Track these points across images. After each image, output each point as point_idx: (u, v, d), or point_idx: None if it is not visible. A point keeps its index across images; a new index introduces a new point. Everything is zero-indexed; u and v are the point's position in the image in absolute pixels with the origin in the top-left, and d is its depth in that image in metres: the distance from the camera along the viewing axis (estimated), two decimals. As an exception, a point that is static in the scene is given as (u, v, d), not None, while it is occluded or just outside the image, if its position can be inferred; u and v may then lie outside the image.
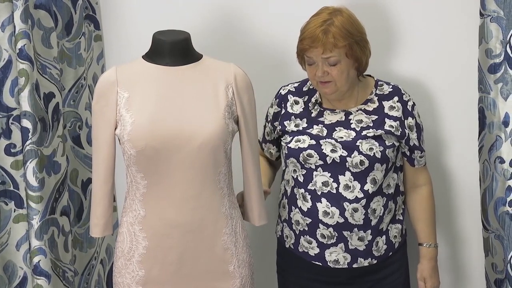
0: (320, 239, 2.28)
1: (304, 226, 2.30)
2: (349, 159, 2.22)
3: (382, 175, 2.26)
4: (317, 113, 2.33)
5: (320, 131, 2.28)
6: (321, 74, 2.21)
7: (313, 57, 2.22)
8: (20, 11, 2.31)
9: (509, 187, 2.30)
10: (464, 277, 2.65)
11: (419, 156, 2.36)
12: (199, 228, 2.12)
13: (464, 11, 2.47)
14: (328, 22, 2.20)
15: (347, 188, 2.24)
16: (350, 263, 2.29)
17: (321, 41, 2.18)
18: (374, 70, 2.43)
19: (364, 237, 2.27)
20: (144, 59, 2.17)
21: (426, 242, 2.39)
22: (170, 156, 2.07)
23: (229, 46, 2.65)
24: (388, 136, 2.27)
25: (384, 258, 2.33)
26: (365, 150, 2.23)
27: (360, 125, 2.28)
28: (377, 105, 2.32)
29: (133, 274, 2.15)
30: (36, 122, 2.37)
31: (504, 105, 2.30)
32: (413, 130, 2.33)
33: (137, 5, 2.69)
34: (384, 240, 2.31)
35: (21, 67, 2.33)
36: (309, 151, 2.26)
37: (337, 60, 2.20)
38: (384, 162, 2.25)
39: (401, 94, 2.34)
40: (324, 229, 2.26)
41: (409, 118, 2.32)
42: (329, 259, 2.29)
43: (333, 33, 2.18)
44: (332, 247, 2.28)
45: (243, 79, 2.19)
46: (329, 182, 2.24)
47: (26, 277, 2.45)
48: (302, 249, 2.33)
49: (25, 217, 2.42)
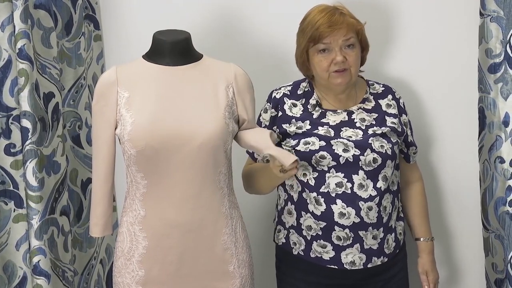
0: (336, 241, 2.24)
1: (317, 230, 2.25)
2: (362, 157, 2.21)
3: (391, 172, 2.26)
4: (319, 114, 2.30)
5: (327, 131, 2.26)
6: (341, 59, 2.20)
7: (332, 42, 2.19)
8: (19, 11, 2.31)
9: (509, 187, 2.30)
10: (464, 277, 2.65)
11: (413, 152, 2.40)
12: (199, 228, 2.12)
13: (464, 11, 2.48)
14: (336, 9, 2.23)
15: (361, 187, 2.22)
16: (365, 263, 2.26)
17: (344, 22, 2.19)
18: (374, 70, 2.43)
19: (377, 235, 2.25)
20: (144, 59, 2.17)
21: (424, 236, 2.42)
22: (170, 156, 2.07)
23: (229, 46, 2.65)
24: (392, 133, 2.28)
25: (393, 255, 2.32)
26: (377, 147, 2.22)
27: (364, 123, 2.28)
28: (374, 103, 2.32)
29: (133, 274, 2.15)
30: (35, 122, 2.37)
31: (504, 105, 2.30)
32: (408, 127, 2.37)
33: (137, 5, 2.69)
34: (393, 237, 2.31)
35: (20, 67, 2.33)
36: (321, 152, 2.22)
37: (355, 42, 2.22)
38: (394, 159, 2.27)
39: (393, 92, 2.37)
40: (340, 231, 2.22)
41: (403, 115, 2.35)
42: (345, 261, 2.25)
43: (349, 15, 2.22)
44: (348, 249, 2.24)
45: (243, 78, 2.19)
46: (343, 183, 2.21)
47: (25, 277, 2.45)
48: (315, 255, 2.28)
49: (24, 217, 2.42)
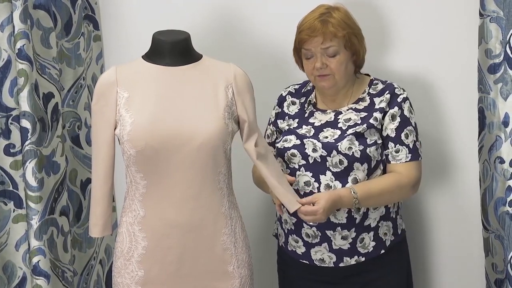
0: (305, 238, 2.28)
1: (291, 225, 2.31)
2: (329, 158, 2.22)
3: (364, 174, 2.23)
4: (308, 113, 2.34)
5: (308, 131, 2.29)
6: (320, 66, 2.22)
7: (312, 48, 2.22)
8: (19, 11, 2.31)
9: (509, 187, 2.29)
10: (464, 277, 2.64)
11: (394, 150, 2.25)
12: (198, 228, 2.12)
13: (464, 11, 2.47)
14: (326, 14, 2.23)
15: (328, 188, 2.22)
16: (336, 262, 2.27)
17: (321, 30, 2.20)
18: (374, 70, 2.43)
19: (347, 235, 2.25)
20: (144, 59, 2.17)
21: (353, 188, 2.19)
22: (170, 156, 2.07)
23: (229, 46, 2.65)
24: (371, 132, 2.24)
25: (373, 256, 2.29)
26: (343, 149, 2.21)
27: (347, 123, 2.27)
28: (368, 102, 2.31)
29: (132, 274, 2.15)
30: (35, 122, 2.36)
31: (504, 105, 2.30)
32: (395, 120, 2.24)
33: (136, 5, 2.69)
34: (371, 236, 2.27)
35: (20, 67, 2.33)
36: (292, 150, 2.27)
37: (336, 51, 2.21)
38: (365, 162, 2.22)
39: (394, 88, 2.30)
40: (308, 228, 2.26)
41: (395, 108, 2.25)
42: (314, 258, 2.29)
43: (332, 23, 2.20)
44: (316, 246, 2.27)
45: (243, 78, 2.19)
46: (310, 182, 2.24)
47: (25, 277, 2.45)
48: (291, 248, 2.34)
49: (24, 217, 2.42)
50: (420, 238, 2.53)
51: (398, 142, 2.26)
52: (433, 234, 2.64)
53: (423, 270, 2.67)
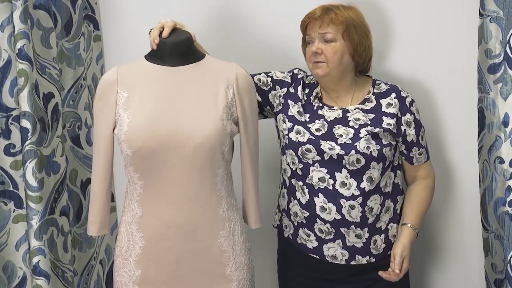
0: (318, 233, 2.29)
1: (302, 219, 2.31)
2: (346, 157, 2.23)
3: (379, 173, 2.26)
4: (316, 107, 2.34)
5: (322, 126, 2.29)
6: (315, 50, 2.26)
7: (312, 33, 2.28)
8: (19, 11, 2.31)
9: (508, 187, 2.30)
10: (464, 277, 2.65)
11: (418, 153, 2.35)
12: (195, 229, 2.12)
13: (464, 11, 2.47)
14: (334, 6, 2.29)
15: (344, 185, 2.24)
16: (348, 259, 2.29)
17: (320, 14, 2.26)
18: (374, 70, 2.43)
19: (361, 234, 2.27)
20: (146, 59, 2.17)
21: (411, 223, 2.32)
22: (167, 157, 2.06)
23: (229, 46, 2.65)
24: (386, 134, 2.27)
25: (382, 257, 2.32)
26: (362, 148, 2.23)
27: (358, 122, 2.28)
28: (375, 103, 2.32)
29: (130, 273, 2.15)
30: (35, 122, 2.37)
31: (503, 105, 2.30)
32: (411, 126, 2.32)
33: (136, 5, 2.69)
34: (383, 238, 2.31)
35: (20, 67, 2.33)
36: (308, 145, 2.26)
37: (333, 37, 2.25)
38: (381, 161, 2.26)
39: (399, 91, 2.34)
40: (321, 224, 2.27)
41: (407, 115, 2.32)
42: (327, 254, 2.30)
43: (335, 12, 2.26)
44: (330, 243, 2.29)
45: (244, 79, 2.18)
46: (325, 178, 2.25)
47: (25, 277, 2.45)
48: (301, 241, 2.34)
49: (24, 217, 2.42)
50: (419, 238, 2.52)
51: (420, 146, 2.36)
52: (433, 234, 2.64)
53: (422, 270, 2.67)
